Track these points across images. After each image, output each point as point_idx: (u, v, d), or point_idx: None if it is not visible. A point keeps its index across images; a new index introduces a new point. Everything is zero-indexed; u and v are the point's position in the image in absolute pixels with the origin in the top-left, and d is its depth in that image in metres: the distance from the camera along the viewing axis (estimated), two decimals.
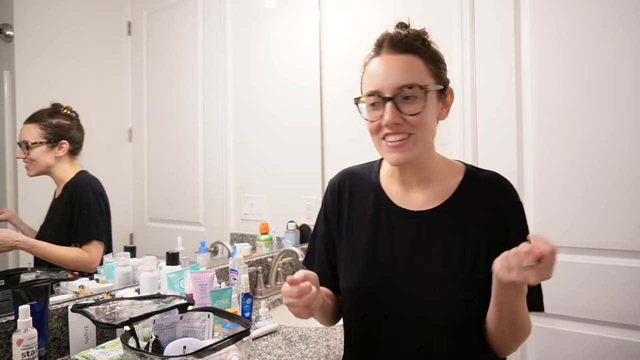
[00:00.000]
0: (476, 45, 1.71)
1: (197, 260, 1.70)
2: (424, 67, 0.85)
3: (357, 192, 0.99)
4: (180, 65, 1.90)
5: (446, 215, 0.89)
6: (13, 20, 1.30)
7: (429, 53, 0.87)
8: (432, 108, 0.87)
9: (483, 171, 0.93)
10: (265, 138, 2.15)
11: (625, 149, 1.44)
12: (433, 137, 0.90)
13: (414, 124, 0.84)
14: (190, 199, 1.89)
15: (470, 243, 0.86)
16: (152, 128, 1.70)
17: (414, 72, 0.84)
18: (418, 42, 0.86)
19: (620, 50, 1.45)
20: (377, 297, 0.89)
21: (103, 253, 1.40)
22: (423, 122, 0.84)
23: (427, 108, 0.84)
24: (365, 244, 0.93)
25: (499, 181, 0.91)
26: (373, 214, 0.94)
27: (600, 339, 1.48)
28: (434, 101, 0.87)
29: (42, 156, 1.33)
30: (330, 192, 1.03)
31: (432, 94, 0.86)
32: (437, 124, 0.91)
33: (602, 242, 1.48)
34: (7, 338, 1.06)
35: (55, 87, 1.41)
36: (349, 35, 2.09)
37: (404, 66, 0.84)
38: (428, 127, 0.86)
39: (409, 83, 0.83)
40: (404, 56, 0.85)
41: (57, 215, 1.36)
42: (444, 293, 0.84)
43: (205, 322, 1.03)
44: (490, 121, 1.68)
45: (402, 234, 0.90)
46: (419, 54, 0.85)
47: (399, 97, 0.83)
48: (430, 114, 0.86)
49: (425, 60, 0.86)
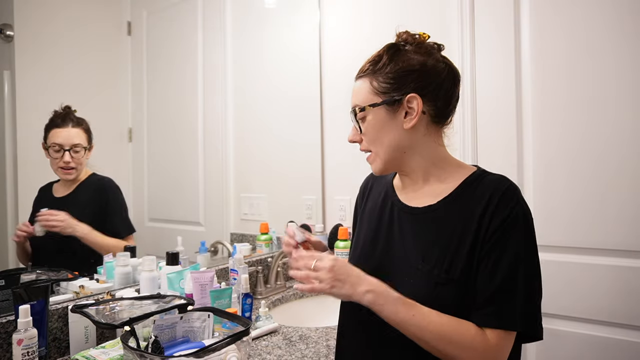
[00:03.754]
0: (476, 44, 1.71)
1: (197, 260, 1.71)
2: (369, 87, 0.92)
3: (375, 188, 1.06)
4: (181, 65, 1.90)
5: (437, 213, 0.90)
6: (13, 20, 1.30)
7: (381, 71, 0.91)
8: (382, 123, 0.91)
9: (490, 174, 0.91)
10: (265, 138, 2.15)
11: (626, 148, 1.44)
12: (399, 147, 0.91)
13: (366, 141, 0.94)
14: (190, 199, 1.89)
15: (454, 242, 0.85)
16: (152, 128, 1.71)
17: (357, 96, 0.94)
18: (375, 61, 0.92)
19: (620, 50, 1.45)
20: None
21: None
22: (373, 139, 0.93)
23: (371, 125, 0.92)
24: (367, 236, 1.00)
25: (497, 182, 0.88)
26: (380, 209, 1.00)
27: (601, 339, 1.48)
28: (382, 116, 0.91)
29: (85, 160, 1.42)
30: (359, 190, 1.13)
31: (379, 110, 0.91)
32: (405, 133, 0.90)
33: (602, 242, 1.48)
34: (7, 338, 1.07)
35: (55, 87, 1.42)
36: (348, 36, 2.09)
37: (354, 92, 0.95)
38: (382, 141, 0.92)
39: (352, 106, 0.95)
40: (357, 82, 0.95)
41: (76, 212, 1.39)
42: (417, 287, 0.85)
43: (205, 322, 1.03)
44: (490, 121, 1.68)
45: (398, 228, 0.94)
46: (367, 75, 0.93)
47: (353, 118, 0.95)
48: (380, 130, 0.92)
49: (373, 79, 0.92)
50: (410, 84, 0.89)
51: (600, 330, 1.48)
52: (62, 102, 1.38)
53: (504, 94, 1.65)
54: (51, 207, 1.36)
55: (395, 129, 0.90)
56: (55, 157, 1.36)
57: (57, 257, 1.35)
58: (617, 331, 1.46)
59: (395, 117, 0.90)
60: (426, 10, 1.84)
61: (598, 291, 1.48)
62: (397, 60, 0.90)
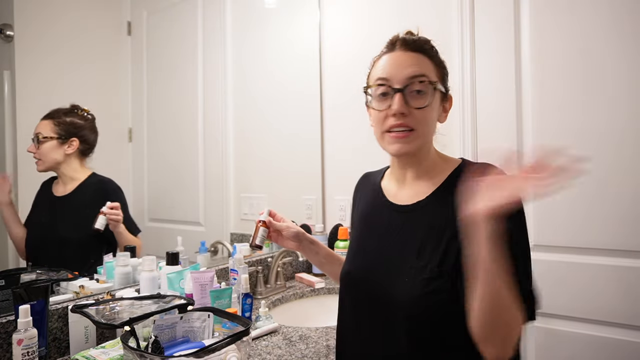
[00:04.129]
0: (476, 44, 1.71)
1: (197, 260, 1.71)
2: (433, 68, 0.91)
3: (364, 190, 1.09)
4: (181, 65, 1.90)
5: (427, 208, 0.90)
6: (13, 20, 1.30)
7: (437, 58, 0.93)
8: (436, 107, 0.92)
9: (475, 163, 0.93)
10: (265, 138, 2.15)
11: (625, 148, 1.44)
12: (432, 135, 0.94)
13: (418, 118, 0.88)
14: (190, 199, 1.89)
15: (447, 234, 0.85)
16: (152, 128, 1.71)
17: (424, 68, 0.89)
18: (428, 46, 0.93)
19: (619, 50, 1.45)
20: (359, 285, 0.95)
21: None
22: (426, 117, 0.89)
23: (432, 104, 0.89)
24: (359, 236, 1.03)
25: (484, 170, 0.82)
26: (370, 209, 1.02)
27: (601, 339, 1.48)
28: (437, 101, 0.92)
29: (51, 152, 1.36)
30: (353, 192, 1.16)
31: (437, 93, 0.91)
32: (436, 124, 0.94)
33: (599, 242, 1.48)
34: (7, 338, 1.07)
35: (55, 87, 1.42)
36: (348, 35, 2.09)
37: (416, 61, 0.89)
38: (430, 123, 0.91)
39: (421, 73, 0.88)
40: (416, 54, 0.90)
41: (75, 212, 1.41)
42: (412, 285, 0.84)
43: (205, 322, 1.03)
44: (490, 121, 1.68)
45: (389, 226, 0.94)
46: (429, 56, 0.91)
47: (408, 89, 0.87)
48: (433, 112, 0.91)
49: (434, 63, 0.92)
50: (447, 80, 0.95)
51: (600, 331, 1.48)
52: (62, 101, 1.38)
53: (504, 94, 1.65)
54: (50, 205, 1.37)
55: (436, 116, 0.93)
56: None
57: (57, 257, 1.35)
58: (617, 331, 1.46)
59: (440, 107, 0.93)
60: (426, 10, 1.84)
61: (596, 291, 1.48)
62: (439, 54, 0.94)
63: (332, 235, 2.06)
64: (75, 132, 1.40)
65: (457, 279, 0.81)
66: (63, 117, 1.37)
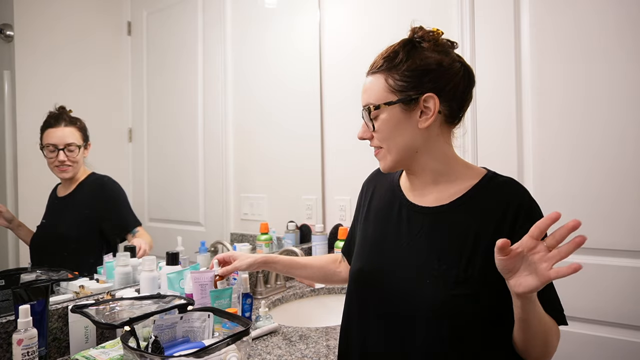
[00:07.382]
0: (476, 44, 1.71)
1: (197, 260, 1.71)
2: (384, 84, 0.90)
3: (380, 188, 1.06)
4: (180, 65, 1.90)
5: (451, 214, 0.89)
6: (13, 20, 1.30)
7: (397, 68, 0.89)
8: (397, 122, 0.90)
9: (500, 177, 0.92)
10: (266, 138, 2.15)
11: (625, 148, 1.44)
12: (414, 145, 0.91)
13: (380, 137, 0.92)
14: (190, 199, 1.89)
15: (469, 243, 0.85)
16: (152, 128, 1.71)
17: (370, 94, 0.91)
18: (391, 57, 0.90)
19: (619, 50, 1.45)
20: (373, 284, 0.94)
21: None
22: (386, 135, 0.91)
23: (385, 124, 0.90)
24: (375, 234, 0.99)
25: (510, 187, 0.90)
26: (387, 208, 1.00)
27: (601, 339, 1.48)
28: (397, 115, 0.89)
29: (81, 158, 1.42)
30: (361, 188, 1.14)
31: (394, 108, 0.89)
32: (419, 133, 0.90)
33: (602, 242, 1.48)
34: (7, 338, 1.07)
35: (55, 87, 1.41)
36: (349, 35, 2.09)
37: (368, 87, 0.93)
38: (395, 137, 0.91)
39: (364, 104, 0.93)
40: (369, 78, 0.93)
41: (76, 211, 1.42)
42: (436, 287, 0.85)
43: (205, 322, 1.03)
44: (490, 121, 1.68)
45: (408, 227, 0.93)
46: (381, 72, 0.91)
47: (365, 115, 0.93)
48: (393, 128, 0.90)
49: (388, 76, 0.90)
50: (427, 83, 0.88)
51: (601, 331, 1.48)
52: (57, 102, 1.38)
53: (504, 94, 1.65)
54: (54, 206, 1.38)
55: (409, 128, 0.90)
56: (50, 156, 1.36)
57: (57, 257, 1.35)
58: (618, 331, 1.46)
59: (410, 116, 0.89)
60: (426, 9, 1.84)
61: (598, 291, 1.48)
62: (414, 58, 0.88)
63: (332, 236, 2.06)
64: (88, 136, 1.45)
65: (482, 286, 0.83)
66: (79, 123, 1.42)
